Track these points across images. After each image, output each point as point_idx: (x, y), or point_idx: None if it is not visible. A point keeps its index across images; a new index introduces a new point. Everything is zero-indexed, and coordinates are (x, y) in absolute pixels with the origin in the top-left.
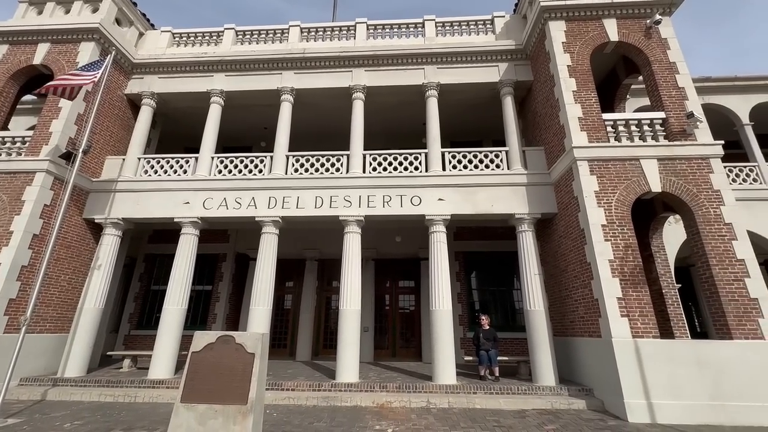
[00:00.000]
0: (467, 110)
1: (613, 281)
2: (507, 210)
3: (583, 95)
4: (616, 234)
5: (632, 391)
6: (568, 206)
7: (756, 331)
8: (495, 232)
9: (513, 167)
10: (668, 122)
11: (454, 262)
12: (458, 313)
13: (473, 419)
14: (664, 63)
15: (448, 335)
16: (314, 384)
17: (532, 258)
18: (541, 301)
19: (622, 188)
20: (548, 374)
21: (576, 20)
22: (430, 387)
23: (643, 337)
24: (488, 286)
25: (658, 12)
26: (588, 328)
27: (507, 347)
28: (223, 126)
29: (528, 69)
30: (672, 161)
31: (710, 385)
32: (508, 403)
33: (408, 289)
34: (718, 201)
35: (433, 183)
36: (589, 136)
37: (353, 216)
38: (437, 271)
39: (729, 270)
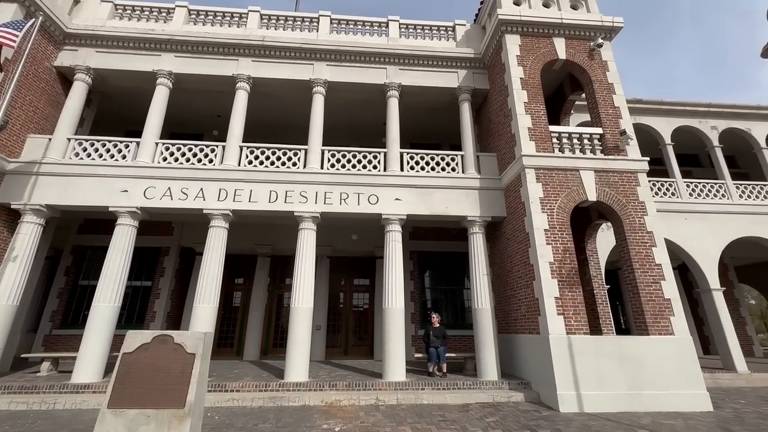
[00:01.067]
0: (427, 113)
1: (552, 282)
2: (460, 212)
3: (533, 107)
4: (556, 238)
5: (564, 383)
6: (515, 211)
7: (668, 328)
8: (449, 233)
9: (467, 171)
10: (605, 138)
11: (409, 261)
12: (410, 311)
13: (420, 415)
14: (604, 83)
15: (399, 333)
16: (261, 384)
17: (482, 259)
18: (488, 300)
19: (563, 196)
20: (492, 370)
21: (530, 36)
22: (379, 384)
23: (575, 334)
24: (440, 285)
25: (601, 36)
26: (529, 326)
27: (456, 344)
28: (171, 110)
29: (485, 78)
30: (606, 173)
31: (630, 376)
32: (453, 398)
33: (363, 287)
34: (643, 211)
35: (390, 183)
36: (537, 146)
37: (309, 212)
38: (391, 269)
39: (648, 273)
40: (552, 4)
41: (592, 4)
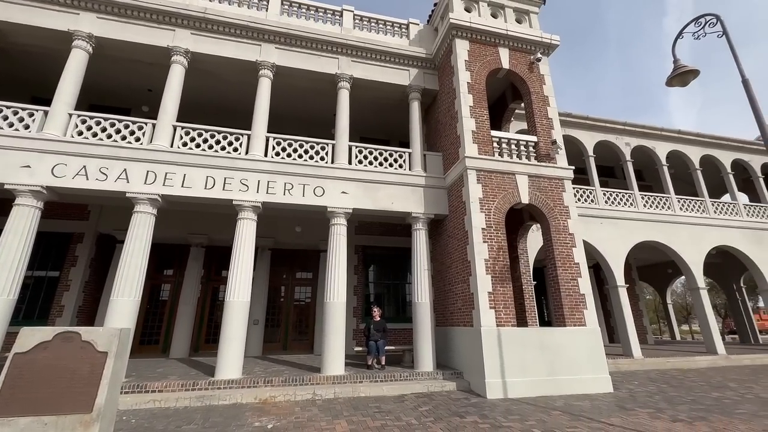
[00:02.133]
0: (377, 108)
1: (486, 278)
2: (405, 208)
3: (478, 111)
4: (492, 237)
5: (492, 371)
6: (457, 209)
7: (582, 320)
8: (394, 229)
9: (414, 169)
10: (538, 146)
11: (354, 255)
12: (353, 305)
13: (356, 407)
14: (540, 95)
15: (340, 327)
16: (188, 383)
17: (424, 254)
18: (427, 294)
19: (500, 197)
20: (428, 361)
21: (478, 43)
22: (317, 379)
23: (504, 326)
24: (384, 279)
25: (540, 51)
26: (464, 319)
27: (397, 337)
28: (92, 79)
29: (435, 79)
30: (538, 179)
31: (548, 363)
32: (390, 389)
33: (305, 281)
34: (567, 215)
35: (337, 175)
36: (480, 149)
37: (249, 201)
38: (335, 263)
39: (568, 271)
40: (499, 16)
41: (534, 21)
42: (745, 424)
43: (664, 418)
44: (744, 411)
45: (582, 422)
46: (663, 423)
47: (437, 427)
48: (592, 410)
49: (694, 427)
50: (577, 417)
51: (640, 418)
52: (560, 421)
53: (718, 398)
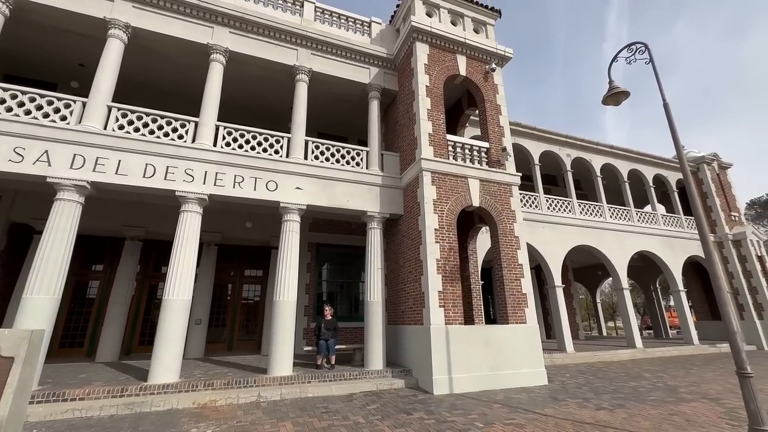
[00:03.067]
0: (336, 105)
1: (437, 277)
2: (361, 207)
3: (435, 115)
4: (444, 237)
5: (440, 368)
6: (412, 210)
7: (523, 317)
8: (349, 227)
9: (371, 168)
10: (490, 152)
11: (307, 253)
12: (304, 303)
13: (303, 408)
14: (494, 104)
15: (289, 326)
16: (115, 389)
17: (378, 253)
18: (380, 293)
19: (453, 200)
20: (378, 359)
21: (437, 48)
22: (263, 380)
23: (452, 324)
24: (338, 277)
25: (494, 62)
26: (414, 317)
27: (349, 336)
28: (9, 46)
29: (395, 79)
30: (488, 183)
31: (492, 359)
32: (339, 388)
33: (255, 279)
34: (513, 219)
35: (292, 170)
36: (435, 151)
37: (195, 193)
38: (286, 261)
39: (512, 271)
40: (458, 24)
41: (491, 33)
42: (655, 409)
43: (590, 407)
44: (655, 398)
45: (519, 414)
46: (589, 411)
47: (384, 424)
48: (529, 402)
49: (615, 414)
50: (516, 409)
51: (569, 408)
52: (500, 414)
53: (635, 387)
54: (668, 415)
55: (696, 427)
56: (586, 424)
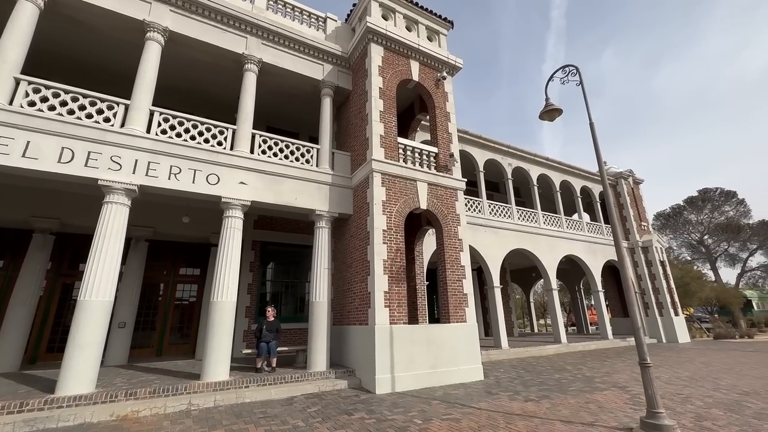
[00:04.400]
0: (289, 99)
1: (383, 277)
2: (309, 205)
3: (387, 117)
4: (392, 238)
5: (383, 367)
6: (360, 210)
7: (463, 316)
8: (297, 225)
9: (321, 166)
10: (438, 157)
11: (250, 251)
12: (246, 304)
13: (239, 415)
14: (443, 111)
15: (227, 328)
16: (11, 403)
17: (325, 253)
18: (326, 293)
19: (401, 202)
20: (321, 360)
21: (392, 51)
22: (195, 386)
23: (397, 324)
24: (284, 277)
25: (445, 70)
26: (360, 317)
27: (293, 337)
28: None
29: (349, 79)
30: (436, 187)
31: (433, 357)
32: (279, 392)
33: (191, 278)
34: (457, 222)
35: (237, 164)
36: (386, 153)
37: (122, 183)
38: (226, 259)
39: (455, 272)
40: (413, 30)
41: (443, 42)
42: (574, 398)
43: (519, 399)
44: (574, 388)
45: (456, 409)
46: (518, 403)
47: (324, 427)
48: (466, 397)
49: (540, 404)
50: (453, 404)
51: (501, 401)
52: (438, 410)
53: (558, 379)
54: (584, 403)
55: (606, 413)
56: (515, 415)
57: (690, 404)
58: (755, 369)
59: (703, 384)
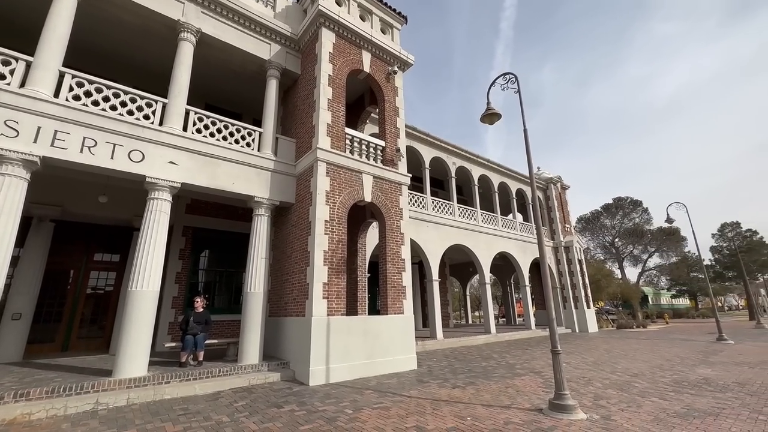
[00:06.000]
0: (232, 77)
1: (323, 269)
2: (248, 191)
3: (335, 106)
4: (334, 230)
5: (317, 359)
6: (304, 199)
7: (401, 308)
8: (234, 212)
9: (263, 151)
10: (385, 150)
11: (181, 237)
12: (173, 294)
13: (156, 413)
14: (393, 105)
15: (147, 320)
16: None
17: (263, 242)
18: (262, 284)
19: (345, 193)
20: (254, 353)
21: (344, 39)
22: (105, 384)
23: (334, 315)
24: (219, 266)
25: (397, 65)
26: (297, 309)
27: (227, 330)
28: None
29: (298, 62)
30: (381, 180)
31: (369, 347)
32: (205, 387)
33: (109, 265)
34: (400, 216)
35: (166, 141)
36: (333, 143)
37: (17, 152)
38: (150, 245)
39: (396, 266)
40: (366, 20)
41: (396, 36)
42: (496, 384)
43: (448, 386)
44: (498, 374)
45: (388, 397)
46: (446, 390)
47: (251, 421)
48: (398, 386)
49: (466, 390)
50: (385, 393)
51: (431, 389)
52: (370, 399)
53: (485, 367)
54: (505, 388)
55: (522, 396)
56: (442, 401)
57: (591, 386)
58: (645, 354)
59: (603, 368)
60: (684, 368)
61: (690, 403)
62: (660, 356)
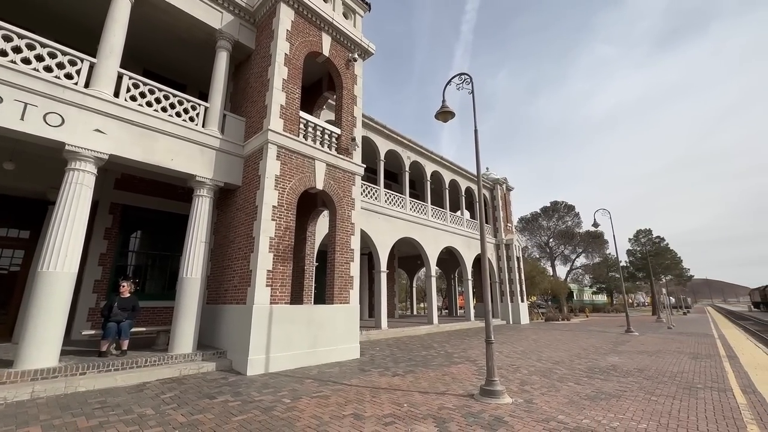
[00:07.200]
0: (176, 43)
1: (268, 256)
2: (189, 169)
3: (291, 87)
4: (282, 216)
5: (257, 348)
6: (251, 182)
7: (347, 298)
8: (173, 191)
9: (209, 127)
10: (341, 138)
11: (108, 215)
12: (95, 278)
13: (66, 407)
14: (351, 93)
15: (60, 305)
16: None
17: (204, 225)
18: (200, 269)
19: (296, 179)
20: (187, 342)
21: (303, 18)
22: (4, 376)
23: (278, 304)
24: (152, 249)
25: (357, 52)
26: (238, 296)
27: (158, 317)
28: None
29: (252, 36)
30: (334, 169)
31: (313, 337)
32: (128, 378)
33: (15, 242)
34: (352, 206)
35: (93, 106)
36: (285, 125)
37: None
38: (67, 221)
39: (345, 255)
40: (329, 2)
41: (358, 23)
42: (434, 372)
43: (388, 374)
44: (436, 363)
45: (328, 386)
46: (386, 378)
47: (178, 413)
48: (339, 375)
49: (405, 378)
50: (326, 382)
51: (372, 377)
52: (310, 388)
53: (425, 356)
54: (442, 376)
55: (457, 383)
56: (381, 389)
57: (518, 373)
58: (566, 344)
59: (530, 356)
60: (597, 356)
61: (599, 387)
62: (578, 346)
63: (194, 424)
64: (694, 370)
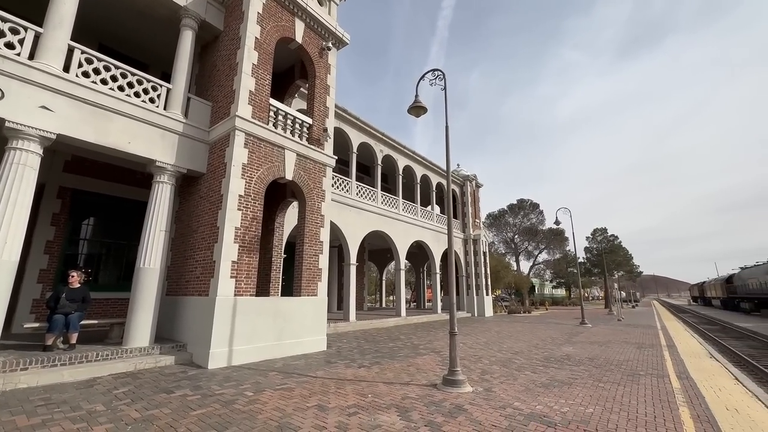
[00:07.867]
0: (136, 18)
1: (233, 246)
2: (148, 154)
3: (261, 73)
4: (248, 206)
5: (219, 341)
6: (216, 170)
7: (315, 290)
8: (131, 176)
9: (171, 110)
10: (312, 128)
11: (56, 200)
12: (41, 267)
13: (4, 404)
14: (324, 82)
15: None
16: None
17: (164, 213)
18: (159, 259)
19: (265, 168)
20: (144, 335)
21: (275, 1)
22: None
23: (243, 295)
24: (107, 237)
25: (331, 41)
26: (200, 288)
27: (112, 309)
28: None
29: (221, 17)
30: (305, 159)
31: (278, 329)
32: (76, 373)
33: None
34: (322, 198)
35: (38, 80)
36: (254, 112)
37: None
38: (7, 204)
39: (313, 248)
40: None
41: (333, 11)
42: (399, 363)
43: (354, 366)
44: (402, 354)
45: (293, 378)
46: (352, 370)
47: (132, 408)
48: (305, 367)
49: (371, 369)
50: (290, 375)
51: (338, 369)
52: (274, 381)
53: (392, 347)
54: (406, 367)
55: (421, 374)
56: (346, 380)
57: (480, 363)
58: (526, 335)
59: (492, 347)
60: (553, 347)
61: (553, 375)
62: (537, 337)
63: (149, 419)
64: (637, 359)
